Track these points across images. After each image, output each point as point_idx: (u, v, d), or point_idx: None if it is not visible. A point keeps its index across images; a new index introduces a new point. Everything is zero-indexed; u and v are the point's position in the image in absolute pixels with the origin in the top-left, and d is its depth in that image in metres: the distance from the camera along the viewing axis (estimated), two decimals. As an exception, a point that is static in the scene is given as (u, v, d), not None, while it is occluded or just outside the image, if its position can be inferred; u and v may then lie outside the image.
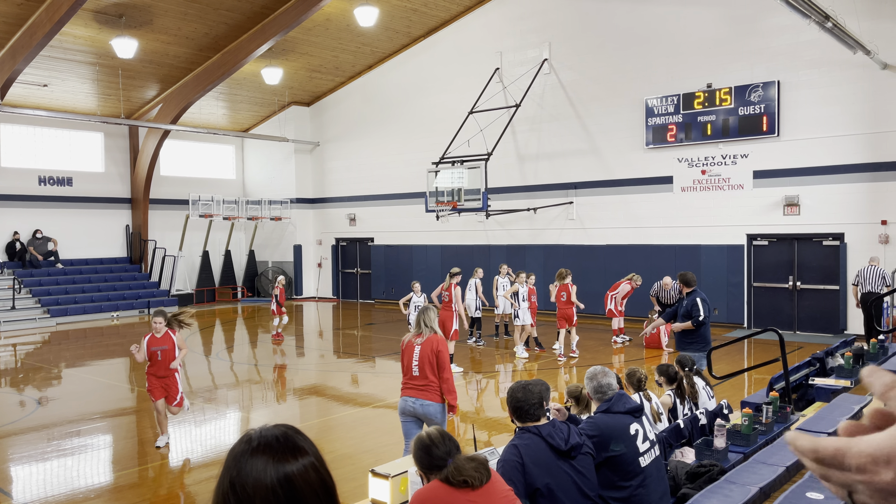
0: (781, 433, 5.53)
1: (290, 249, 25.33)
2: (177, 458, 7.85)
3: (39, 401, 10.53)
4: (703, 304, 8.20)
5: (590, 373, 4.53)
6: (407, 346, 6.01)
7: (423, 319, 6.00)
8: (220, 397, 10.70)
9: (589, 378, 4.52)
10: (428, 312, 6.06)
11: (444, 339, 6.11)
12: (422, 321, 5.99)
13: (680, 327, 8.35)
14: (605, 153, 18.00)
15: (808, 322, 15.41)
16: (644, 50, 17.24)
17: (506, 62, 19.61)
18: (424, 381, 5.86)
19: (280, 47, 19.94)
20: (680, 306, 8.49)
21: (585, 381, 4.56)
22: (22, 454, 7.82)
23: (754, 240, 16.03)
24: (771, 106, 15.36)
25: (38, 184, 21.16)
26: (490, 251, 20.17)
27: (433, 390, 5.86)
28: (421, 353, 5.88)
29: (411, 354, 5.92)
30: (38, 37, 15.82)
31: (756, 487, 3.93)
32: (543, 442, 3.74)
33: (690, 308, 8.24)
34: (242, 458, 1.37)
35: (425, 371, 5.85)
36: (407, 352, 5.98)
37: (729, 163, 16.10)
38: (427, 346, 5.89)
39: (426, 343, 5.90)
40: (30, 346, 16.19)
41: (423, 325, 5.97)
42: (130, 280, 22.28)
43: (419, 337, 5.96)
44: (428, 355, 5.86)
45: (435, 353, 5.86)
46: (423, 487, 3.19)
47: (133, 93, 21.21)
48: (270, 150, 25.44)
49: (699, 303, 8.18)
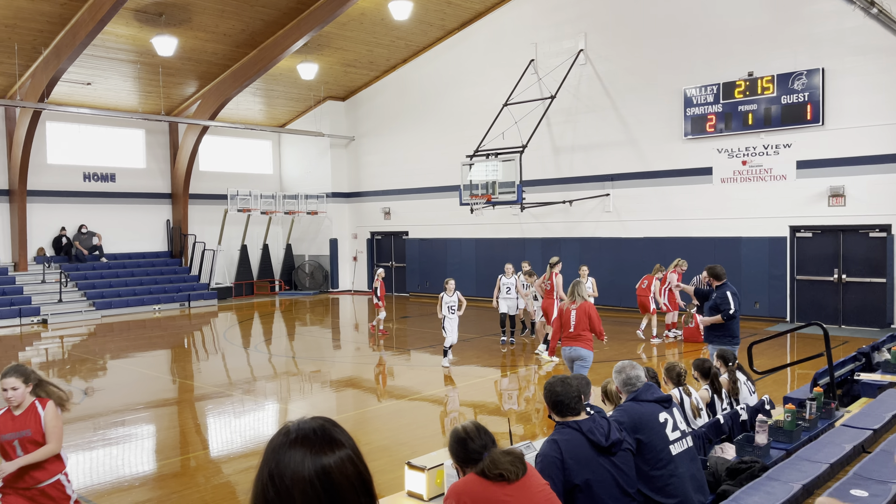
0: (826, 430, 5.40)
1: (326, 243, 25.58)
2: (219, 449, 8.00)
3: (86, 391, 10.83)
4: (734, 297, 8.09)
5: (618, 366, 4.52)
6: (566, 311, 8.21)
7: (576, 291, 8.23)
8: (258, 389, 10.87)
9: (617, 371, 4.49)
10: (580, 285, 8.33)
11: (592, 304, 8.38)
12: (576, 292, 8.21)
13: (708, 321, 8.24)
14: (642, 144, 17.75)
15: (854, 316, 15.01)
16: (682, 38, 16.93)
17: (541, 53, 19.45)
18: (578, 334, 8.07)
19: (315, 42, 20.08)
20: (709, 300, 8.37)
21: (614, 375, 4.54)
22: (69, 443, 8.05)
23: (798, 231, 15.66)
24: (815, 94, 14.96)
25: (82, 180, 21.71)
26: (525, 244, 20.08)
27: (584, 340, 8.10)
28: (577, 314, 8.08)
29: (569, 316, 8.15)
30: (80, 36, 16.19)
31: (799, 485, 3.85)
32: (583, 437, 3.71)
33: (720, 302, 8.13)
34: (281, 450, 1.39)
35: (579, 328, 8.07)
36: (565, 314, 8.21)
37: (771, 153, 15.74)
38: (581, 310, 8.11)
39: (580, 308, 8.12)
40: (76, 338, 16.66)
41: (577, 295, 8.19)
42: (171, 274, 22.75)
43: (574, 304, 8.18)
44: (581, 316, 8.07)
45: (587, 314, 8.09)
46: (458, 480, 3.18)
47: (173, 90, 21.59)
48: (306, 145, 25.69)
49: (729, 296, 8.07)
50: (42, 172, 20.69)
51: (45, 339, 16.30)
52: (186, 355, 14.53)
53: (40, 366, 13.32)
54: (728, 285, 8.26)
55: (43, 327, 17.92)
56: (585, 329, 8.08)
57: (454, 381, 11.04)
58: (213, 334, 17.22)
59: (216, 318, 19.56)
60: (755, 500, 3.63)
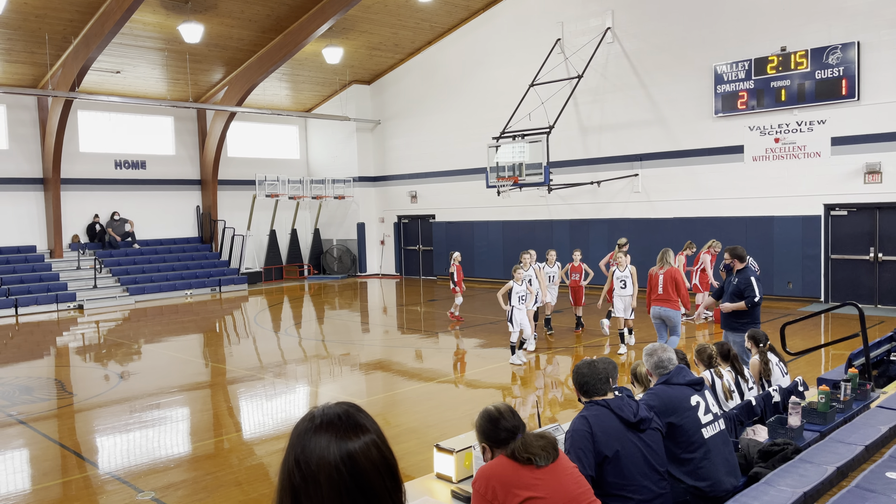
0: (861, 411, 5.30)
1: (353, 227, 25.70)
2: (251, 431, 8.13)
3: (122, 375, 11.07)
4: (758, 283, 7.54)
5: (648, 349, 4.48)
6: (655, 275, 9.46)
7: (665, 257, 9.51)
8: (288, 372, 11.01)
9: (648, 354, 4.46)
10: (668, 253, 9.59)
11: (678, 269, 9.74)
12: (665, 258, 9.50)
13: (731, 307, 7.62)
14: (671, 123, 17.46)
15: (891, 295, 14.68)
16: (712, 14, 16.56)
17: (567, 32, 19.18)
18: (667, 295, 9.35)
19: (340, 26, 20.05)
20: (728, 283, 7.77)
21: (644, 358, 4.50)
22: (106, 425, 8.25)
23: (832, 210, 15.33)
24: (850, 68, 14.56)
25: (114, 168, 22.05)
26: (553, 226, 19.95)
27: (672, 301, 9.35)
28: (664, 278, 9.36)
29: (657, 279, 9.42)
30: (109, 25, 16.37)
31: (833, 467, 3.78)
32: (612, 413, 3.72)
33: (744, 287, 7.53)
34: (306, 435, 1.40)
35: (668, 290, 9.34)
36: (654, 278, 9.47)
37: (805, 129, 15.38)
38: (668, 274, 9.37)
39: (667, 273, 9.38)
40: (111, 322, 17.01)
41: (665, 262, 9.48)
42: (202, 259, 23.07)
43: (661, 269, 9.44)
44: (668, 280, 9.33)
45: (673, 278, 9.34)
46: (488, 462, 3.15)
47: (200, 77, 21.76)
48: (333, 130, 25.75)
49: (753, 282, 7.51)
50: (75, 161, 21.06)
51: (81, 325, 16.67)
52: (218, 339, 14.76)
53: (77, 350, 13.65)
54: (750, 268, 7.75)
55: (79, 313, 18.33)
56: (673, 292, 9.33)
57: (485, 362, 11.05)
58: (244, 318, 17.46)
59: (246, 303, 19.82)
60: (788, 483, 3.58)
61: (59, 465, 6.96)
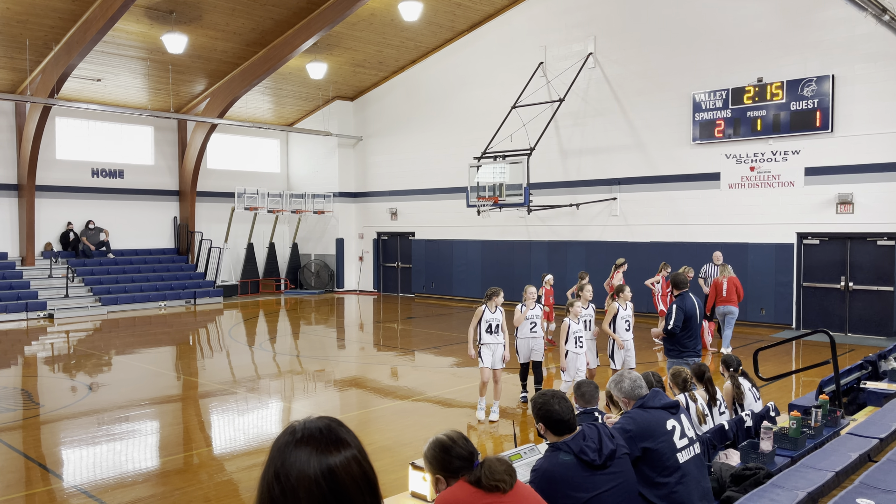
0: (831, 437, 5.37)
1: (332, 242, 25.61)
2: (222, 446, 8.01)
3: (90, 386, 10.87)
4: (679, 312, 7.65)
5: (615, 379, 4.47)
6: (720, 282, 12.73)
7: (726, 270, 12.94)
8: (262, 387, 10.88)
9: (615, 383, 4.44)
10: (727, 268, 13.02)
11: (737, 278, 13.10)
12: (726, 270, 12.92)
13: (656, 333, 8.04)
14: (650, 149, 17.71)
15: (861, 324, 14.94)
16: (692, 43, 16.90)
17: (550, 56, 19.44)
18: (729, 298, 12.62)
19: (325, 42, 20.12)
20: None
21: (613, 389, 4.47)
22: (73, 438, 8.08)
23: (805, 238, 15.60)
24: (825, 101, 14.91)
25: (91, 176, 21.80)
26: (531, 247, 20.06)
27: (733, 301, 12.59)
28: (728, 284, 12.63)
29: (723, 286, 12.69)
30: (91, 32, 16.27)
31: (804, 492, 3.82)
32: (577, 461, 3.54)
33: (668, 314, 7.80)
34: (286, 449, 1.39)
35: (730, 294, 12.61)
36: (720, 285, 12.74)
37: (779, 159, 15.69)
38: (730, 281, 12.68)
39: (729, 280, 12.69)
40: (82, 333, 16.72)
41: (727, 271, 12.87)
42: (178, 271, 22.81)
43: (724, 277, 12.75)
44: (731, 286, 12.64)
45: (734, 284, 12.69)
46: (446, 490, 2.99)
47: (182, 87, 21.66)
48: (314, 144, 25.73)
49: (674, 310, 7.70)
50: (51, 168, 20.78)
51: (50, 334, 16.36)
52: (191, 352, 14.57)
53: (45, 360, 13.38)
54: (683, 297, 7.87)
55: (49, 322, 17.99)
56: (734, 294, 12.64)
57: (460, 381, 11.03)
58: (218, 332, 17.26)
59: (221, 316, 19.61)
60: (759, 508, 3.60)
61: (23, 476, 6.80)
